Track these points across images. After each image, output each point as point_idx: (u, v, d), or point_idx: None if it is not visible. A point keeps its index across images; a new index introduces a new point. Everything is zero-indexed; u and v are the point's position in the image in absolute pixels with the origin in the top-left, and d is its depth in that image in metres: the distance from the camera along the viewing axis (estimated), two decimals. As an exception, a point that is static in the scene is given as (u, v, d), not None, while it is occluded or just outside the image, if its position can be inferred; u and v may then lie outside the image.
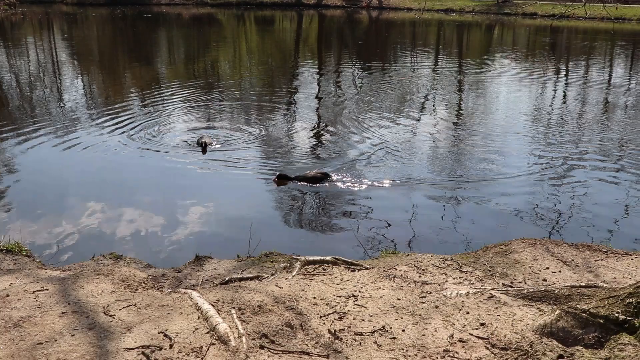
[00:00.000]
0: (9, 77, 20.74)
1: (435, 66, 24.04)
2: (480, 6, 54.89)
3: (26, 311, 3.62)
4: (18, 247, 6.70)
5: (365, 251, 6.79)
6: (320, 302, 3.94)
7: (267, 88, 18.43)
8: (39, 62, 25.19)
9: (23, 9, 53.15)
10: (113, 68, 23.65)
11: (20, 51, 28.66)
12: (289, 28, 45.65)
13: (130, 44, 32.94)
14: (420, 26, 44.71)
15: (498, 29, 44.15)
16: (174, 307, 3.67)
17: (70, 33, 39.34)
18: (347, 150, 10.83)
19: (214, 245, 7.00)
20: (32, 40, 34.01)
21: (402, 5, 57.05)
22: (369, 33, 40.38)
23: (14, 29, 40.88)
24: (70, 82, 20.15)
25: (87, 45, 32.17)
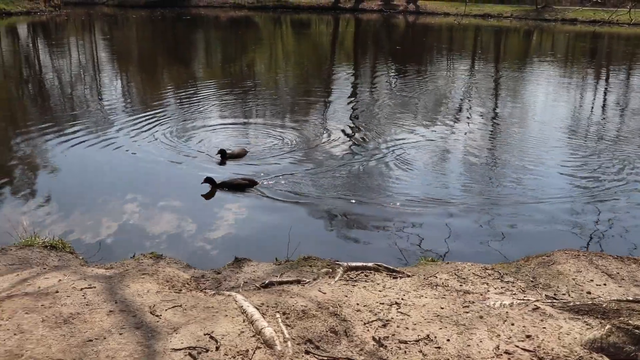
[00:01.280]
0: (51, 76, 21.24)
1: (471, 71, 23.80)
2: (519, 11, 54.25)
3: (75, 308, 3.69)
4: (62, 244, 6.84)
5: (404, 258, 6.74)
6: (364, 309, 3.92)
7: (302, 91, 18.50)
8: (80, 62, 25.71)
9: (67, 10, 54.36)
10: (151, 69, 24.00)
11: (62, 51, 29.31)
12: (325, 31, 45.74)
13: (169, 45, 33.40)
14: (457, 31, 44.33)
15: (536, 35, 43.51)
16: (219, 309, 3.69)
17: (110, 34, 40.07)
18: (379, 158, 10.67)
19: (250, 247, 7.03)
20: (74, 40, 34.74)
21: (439, 10, 56.71)
22: (406, 37, 40.18)
23: (58, 29, 41.84)
24: (110, 82, 20.52)
25: (127, 46, 32.73)
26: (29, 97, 17.34)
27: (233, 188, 8.77)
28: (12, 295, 3.96)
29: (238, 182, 8.82)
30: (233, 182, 8.80)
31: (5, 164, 10.26)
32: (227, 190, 8.77)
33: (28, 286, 4.24)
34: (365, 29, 46.34)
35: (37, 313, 3.61)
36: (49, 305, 3.73)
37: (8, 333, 3.37)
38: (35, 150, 11.00)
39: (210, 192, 8.72)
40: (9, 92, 17.96)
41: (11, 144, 11.37)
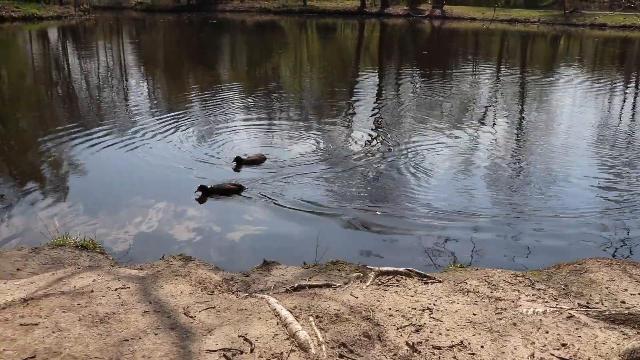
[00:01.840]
0: (80, 79, 21.60)
1: (497, 77, 23.62)
2: (546, 17, 53.71)
3: (110, 308, 3.73)
4: (92, 244, 6.94)
5: (432, 264, 6.70)
6: (396, 314, 3.91)
7: (327, 95, 18.55)
8: (108, 65, 26.10)
9: (96, 15, 55.23)
10: (178, 72, 24.26)
11: (91, 55, 29.81)
12: (350, 36, 45.77)
13: (195, 49, 33.71)
14: (484, 36, 44.03)
15: (564, 40, 43.02)
16: (252, 311, 3.71)
17: (138, 38, 40.59)
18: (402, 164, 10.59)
19: (276, 251, 7.04)
20: (103, 44, 35.26)
21: (465, 15, 56.45)
22: (431, 42, 40.02)
23: (86, 33, 42.51)
24: (137, 85, 20.83)
25: (154, 50, 33.14)
26: (58, 100, 17.65)
27: (222, 193, 8.81)
28: (49, 294, 4.02)
29: (227, 188, 8.87)
30: (221, 188, 8.85)
31: (35, 166, 10.45)
32: (217, 196, 8.78)
33: (64, 285, 4.30)
34: (391, 34, 46.27)
35: (74, 312, 3.66)
36: (85, 304, 3.78)
37: (47, 331, 3.42)
38: (63, 152, 11.18)
39: (201, 198, 8.73)
40: (39, 95, 18.29)
41: (40, 146, 11.57)
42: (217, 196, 8.78)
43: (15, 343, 3.32)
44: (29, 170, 10.26)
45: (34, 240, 7.31)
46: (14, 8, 45.99)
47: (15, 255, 6.35)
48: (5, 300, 4.16)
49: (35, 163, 10.63)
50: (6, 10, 44.77)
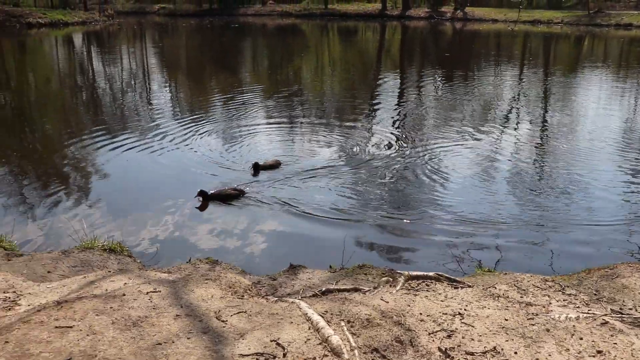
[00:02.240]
0: (104, 83, 21.89)
1: (520, 78, 23.39)
2: (570, 17, 53.10)
3: (143, 311, 3.76)
4: (120, 247, 7.00)
5: (460, 268, 6.65)
6: (427, 319, 3.88)
7: (348, 98, 18.54)
8: (131, 69, 26.41)
9: (120, 20, 55.94)
10: (200, 76, 24.45)
11: (114, 59, 30.17)
12: (371, 38, 45.72)
13: (217, 52, 33.95)
14: (506, 37, 43.67)
15: (588, 41, 42.47)
16: (284, 316, 3.71)
17: (161, 42, 40.98)
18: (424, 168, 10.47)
19: (301, 254, 7.05)
20: (126, 49, 35.67)
21: (487, 16, 56.08)
22: (453, 44, 39.80)
23: (110, 38, 43.04)
24: (159, 89, 21.03)
25: (176, 54, 33.43)
26: (82, 104, 17.89)
27: (222, 199, 8.75)
28: (82, 297, 4.06)
29: (227, 193, 8.82)
30: (222, 193, 8.79)
31: (60, 169, 10.60)
32: (218, 202, 8.73)
33: (96, 288, 4.34)
34: (412, 36, 46.13)
35: (107, 315, 3.69)
36: (117, 307, 3.81)
37: (81, 334, 3.45)
38: (87, 155, 11.35)
39: (202, 205, 8.68)
40: (64, 99, 18.56)
41: (65, 149, 11.74)
42: (218, 202, 8.73)
43: (51, 345, 3.36)
44: (54, 173, 10.40)
45: (60, 243, 7.43)
46: (41, 14, 46.80)
47: (45, 258, 6.44)
48: (39, 303, 4.21)
49: (61, 166, 10.79)
50: (33, 16, 45.57)
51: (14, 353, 3.32)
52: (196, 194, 8.66)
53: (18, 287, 4.75)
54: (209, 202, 8.70)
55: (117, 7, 66.88)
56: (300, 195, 9.01)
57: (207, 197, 8.70)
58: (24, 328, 3.61)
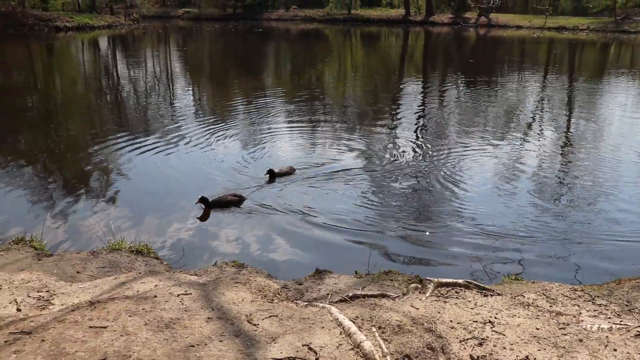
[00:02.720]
0: (128, 86, 22.16)
1: (544, 85, 23.17)
2: (596, 24, 52.49)
3: (174, 313, 3.79)
4: (147, 249, 7.06)
5: (486, 276, 6.59)
6: (458, 326, 3.86)
7: (370, 104, 18.54)
8: (155, 73, 26.69)
9: (145, 24, 56.59)
10: (222, 80, 24.62)
11: (139, 62, 30.54)
12: (394, 44, 45.65)
13: (241, 56, 34.17)
14: (530, 44, 43.30)
15: (615, 47, 41.95)
16: (315, 320, 3.72)
17: (185, 46, 41.35)
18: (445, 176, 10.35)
19: (323, 259, 7.04)
20: (150, 52, 36.07)
21: (511, 22, 55.71)
22: (477, 50, 39.57)
23: (135, 42, 43.55)
24: (182, 92, 21.24)
25: (200, 58, 33.70)
26: (107, 107, 18.13)
27: (223, 206, 8.69)
28: (114, 298, 4.11)
29: (228, 200, 8.77)
30: (223, 200, 8.73)
31: (85, 171, 10.75)
32: (218, 209, 8.66)
33: (127, 290, 4.40)
34: (435, 42, 45.99)
35: (140, 316, 3.73)
36: (149, 309, 3.85)
37: (115, 334, 3.50)
38: (111, 157, 11.51)
39: (204, 213, 8.60)
40: (89, 102, 18.82)
41: (90, 151, 11.90)
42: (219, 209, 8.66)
43: (86, 345, 3.40)
44: (79, 175, 10.54)
45: (87, 243, 7.53)
46: (68, 19, 47.59)
47: (74, 259, 6.53)
48: (72, 303, 4.28)
49: (85, 168, 10.93)
50: (61, 20, 46.35)
51: (50, 351, 3.37)
52: (197, 200, 8.58)
53: (51, 286, 4.82)
54: (210, 209, 8.63)
55: (142, 11, 67.60)
56: (318, 202, 8.99)
57: (209, 204, 8.64)
58: (59, 327, 3.66)
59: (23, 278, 5.00)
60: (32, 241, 7.08)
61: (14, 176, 10.16)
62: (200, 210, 8.64)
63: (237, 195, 8.91)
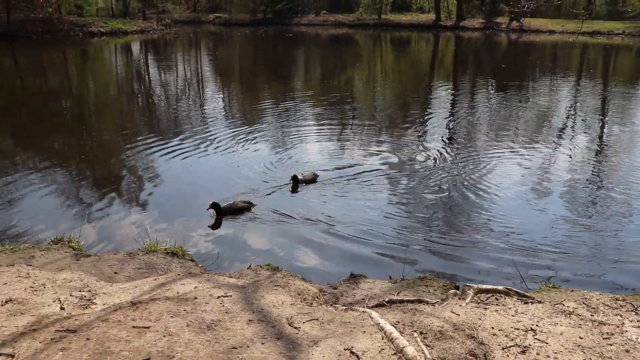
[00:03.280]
0: (159, 90, 22.47)
1: (577, 90, 22.79)
2: (632, 28, 51.50)
3: (216, 315, 3.81)
4: (182, 251, 7.13)
5: (523, 282, 6.49)
6: (499, 333, 3.81)
7: (399, 108, 18.49)
8: (186, 77, 27.01)
9: (176, 29, 57.33)
10: (252, 84, 24.79)
11: (170, 66, 30.94)
12: (424, 49, 45.44)
13: (270, 61, 34.35)
14: (563, 49, 42.69)
15: (651, 52, 41.13)
16: (356, 325, 3.71)
17: (215, 50, 41.74)
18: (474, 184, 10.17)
19: (355, 264, 7.01)
20: (181, 57, 36.50)
21: (543, 27, 54.97)
22: (508, 55, 39.15)
23: (167, 46, 44.13)
24: (212, 96, 21.46)
25: (230, 62, 33.98)
26: (138, 110, 18.43)
27: (234, 212, 8.65)
28: (155, 299, 4.16)
29: (239, 207, 8.73)
30: (233, 207, 8.69)
31: (117, 173, 10.93)
32: (230, 216, 8.60)
33: (167, 291, 4.44)
34: (466, 47, 45.62)
35: (181, 317, 3.76)
36: (190, 310, 3.89)
37: (158, 334, 3.53)
38: (143, 159, 11.71)
39: (216, 219, 8.54)
40: (121, 105, 19.13)
41: (122, 154, 12.09)
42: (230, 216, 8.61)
43: (130, 345, 3.45)
44: (111, 177, 10.72)
45: (121, 244, 7.64)
46: (102, 24, 48.48)
47: (112, 259, 6.62)
48: (114, 303, 4.34)
49: (117, 170, 11.12)
50: (95, 25, 47.24)
51: (95, 350, 3.42)
52: (208, 206, 8.52)
53: (92, 286, 4.90)
54: (222, 216, 8.59)
55: (174, 16, 68.51)
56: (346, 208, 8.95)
57: (220, 211, 8.60)
58: (103, 326, 3.71)
59: (65, 277, 5.09)
60: (71, 242, 7.21)
61: (49, 178, 10.36)
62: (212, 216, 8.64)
63: (247, 202, 8.90)
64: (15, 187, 9.81)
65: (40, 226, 8.18)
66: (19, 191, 9.60)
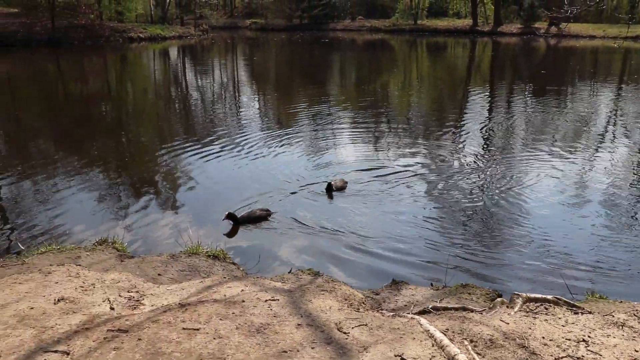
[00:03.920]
0: (196, 95, 22.77)
1: (618, 96, 22.25)
2: (677, 33, 50.13)
3: (264, 318, 3.84)
4: (223, 254, 7.18)
5: (569, 292, 6.36)
6: (550, 343, 3.74)
7: (434, 113, 18.35)
8: (222, 81, 27.30)
9: (213, 34, 58.10)
10: (287, 89, 24.92)
11: (207, 71, 31.33)
12: (461, 54, 45.06)
13: (306, 66, 34.51)
14: (604, 54, 41.83)
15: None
16: (405, 331, 3.69)
17: (251, 55, 42.11)
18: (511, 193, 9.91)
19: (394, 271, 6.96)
20: (218, 62, 36.92)
21: (583, 32, 53.98)
22: (547, 61, 38.53)
23: (204, 51, 44.71)
24: (248, 100, 21.65)
25: (266, 67, 34.24)
26: (175, 114, 18.71)
27: (253, 221, 8.55)
28: (202, 301, 4.20)
29: (257, 215, 8.64)
30: (252, 216, 8.59)
31: (154, 176, 11.10)
32: (248, 225, 8.49)
33: (214, 293, 4.48)
34: (504, 52, 45.07)
35: (230, 320, 3.80)
36: (239, 313, 3.92)
37: (208, 337, 3.57)
38: (180, 162, 11.87)
39: (232, 229, 8.43)
40: (158, 109, 19.45)
41: (159, 157, 12.29)
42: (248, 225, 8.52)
43: (181, 346, 3.49)
44: (148, 180, 10.87)
45: (159, 246, 7.75)
46: (141, 29, 49.44)
47: (155, 261, 6.71)
48: (162, 304, 4.40)
49: (154, 173, 11.30)
50: (135, 31, 48.19)
51: (147, 350, 3.47)
52: (224, 217, 8.37)
53: (140, 287, 4.97)
54: (239, 225, 8.50)
55: (211, 22, 69.51)
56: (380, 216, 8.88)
57: (237, 221, 8.51)
58: (154, 327, 3.77)
59: (113, 278, 5.18)
60: (114, 243, 7.33)
61: (89, 180, 10.57)
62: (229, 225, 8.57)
63: (265, 210, 8.84)
64: (57, 188, 10.05)
65: (80, 227, 8.35)
66: (60, 192, 9.82)
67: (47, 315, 4.24)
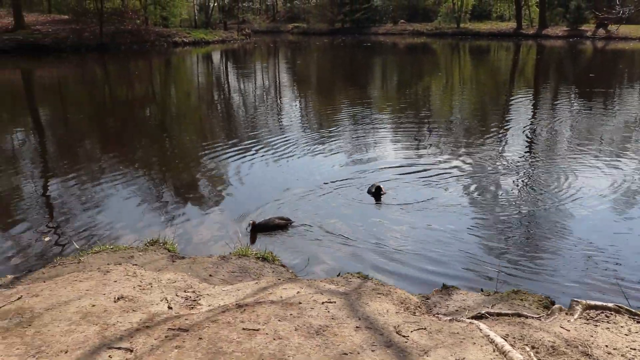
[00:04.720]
0: (238, 98, 23.02)
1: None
2: None
3: (322, 320, 3.86)
4: (272, 256, 7.24)
5: (626, 299, 6.19)
6: (614, 352, 3.67)
7: (478, 117, 18.09)
8: (264, 85, 27.54)
9: (256, 39, 58.75)
10: (329, 93, 24.95)
11: (249, 74, 31.65)
12: (504, 58, 44.42)
13: (347, 70, 34.52)
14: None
15: None
16: (465, 336, 3.66)
17: (293, 59, 42.38)
18: (557, 191, 9.75)
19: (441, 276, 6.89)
20: (260, 66, 37.28)
21: (633, 34, 52.57)
22: (594, 64, 37.67)
23: (246, 55, 45.22)
24: (289, 103, 21.78)
25: (307, 71, 34.40)
26: (217, 117, 18.96)
27: (270, 229, 8.44)
28: (260, 302, 4.26)
29: (276, 223, 8.52)
30: (270, 223, 8.48)
31: (197, 178, 11.24)
32: (266, 233, 8.38)
33: (270, 295, 4.53)
34: (549, 55, 44.23)
35: (289, 321, 3.83)
36: (297, 315, 3.95)
37: (268, 337, 3.61)
38: (222, 165, 11.95)
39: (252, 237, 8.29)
40: (201, 112, 19.74)
41: (201, 159, 12.44)
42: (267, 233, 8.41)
43: (242, 346, 3.54)
44: (191, 182, 11.00)
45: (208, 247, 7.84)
46: (185, 34, 50.32)
47: (206, 262, 6.81)
48: (219, 304, 4.47)
49: (198, 175, 11.41)
50: (179, 36, 49.07)
51: (208, 350, 3.53)
52: (248, 226, 8.34)
53: (195, 287, 5.07)
54: (257, 232, 8.40)
55: (253, 26, 70.29)
56: (419, 219, 8.75)
57: (256, 228, 8.43)
58: (214, 327, 3.84)
59: (169, 278, 5.29)
60: (166, 243, 7.48)
61: (133, 182, 10.75)
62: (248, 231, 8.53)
63: (284, 219, 8.74)
64: (102, 189, 10.27)
65: (127, 227, 8.49)
66: (105, 193, 10.05)
67: (108, 313, 4.36)
